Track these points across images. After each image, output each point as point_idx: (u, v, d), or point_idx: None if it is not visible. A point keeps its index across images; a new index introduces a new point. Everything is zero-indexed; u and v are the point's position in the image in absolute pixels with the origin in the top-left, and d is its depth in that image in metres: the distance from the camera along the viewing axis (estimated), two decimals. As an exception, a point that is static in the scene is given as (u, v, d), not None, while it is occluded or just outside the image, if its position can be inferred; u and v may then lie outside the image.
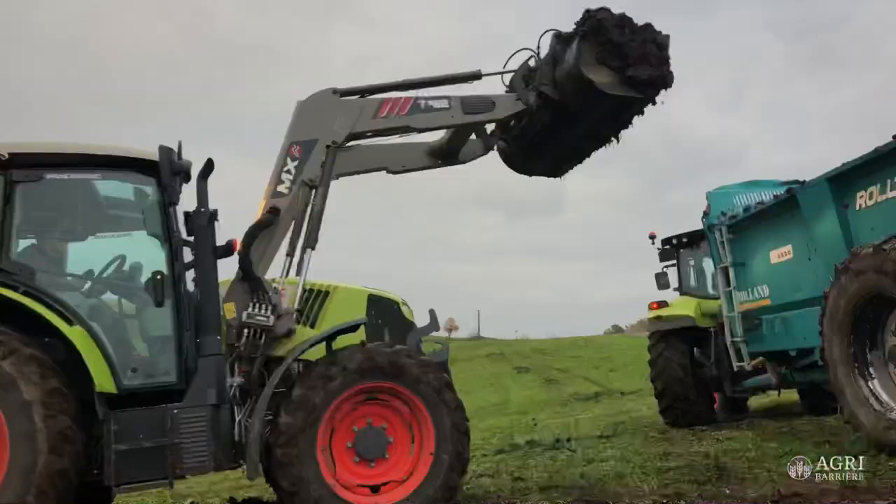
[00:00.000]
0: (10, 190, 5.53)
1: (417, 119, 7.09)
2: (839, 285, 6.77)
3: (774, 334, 9.26)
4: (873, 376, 6.71)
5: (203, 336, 5.81)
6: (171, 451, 5.38)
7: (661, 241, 13.47)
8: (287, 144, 6.69)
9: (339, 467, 5.71)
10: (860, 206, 7.32)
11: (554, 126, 7.60)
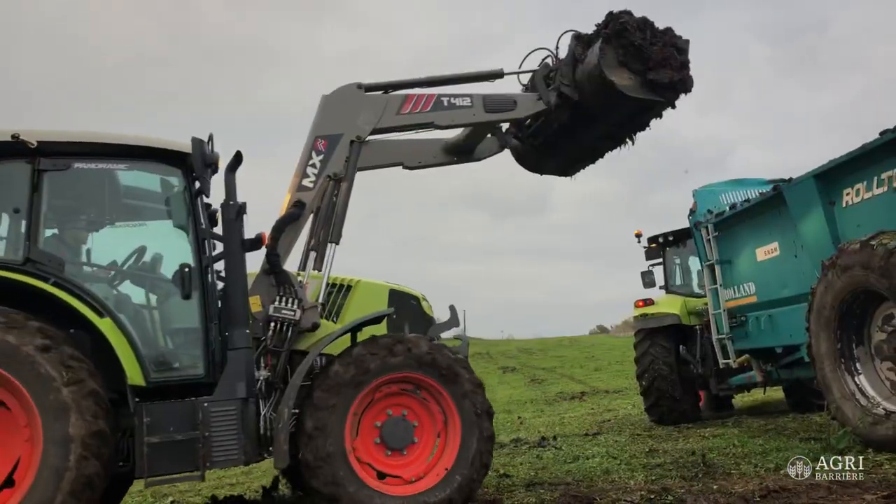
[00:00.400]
0: (38, 179, 5.46)
1: (440, 116, 7.13)
2: (826, 281, 6.77)
3: (760, 331, 9.27)
4: (859, 372, 6.72)
5: (232, 329, 5.76)
6: (203, 444, 5.35)
7: (647, 239, 13.50)
8: (312, 138, 6.72)
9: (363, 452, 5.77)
10: (846, 203, 7.33)
11: (571, 126, 7.69)
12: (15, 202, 5.48)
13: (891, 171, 6.68)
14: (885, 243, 6.04)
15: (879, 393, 6.53)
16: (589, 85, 7.22)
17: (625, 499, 5.41)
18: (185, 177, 5.95)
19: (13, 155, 5.47)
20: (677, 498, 5.23)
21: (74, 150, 5.62)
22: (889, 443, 6.02)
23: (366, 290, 6.82)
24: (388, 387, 5.85)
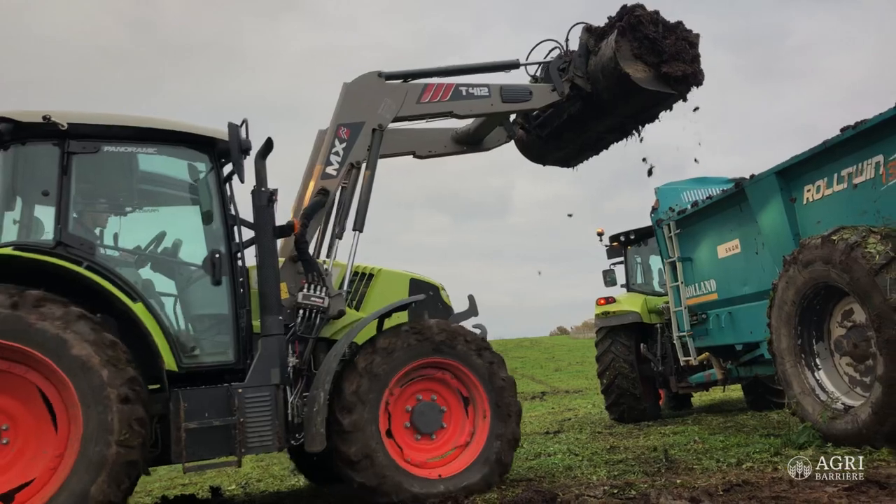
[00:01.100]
0: (67, 161, 5.40)
1: (459, 105, 7.24)
2: (787, 276, 6.78)
3: (721, 329, 9.28)
4: (819, 367, 6.74)
5: (265, 316, 5.77)
6: (239, 430, 5.36)
7: (608, 238, 13.53)
8: (335, 126, 6.76)
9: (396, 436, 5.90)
10: (807, 199, 7.36)
11: (581, 117, 7.86)
12: (44, 185, 5.41)
13: (851, 168, 6.72)
14: (846, 238, 6.05)
15: (838, 388, 6.56)
16: (603, 77, 7.36)
17: (588, 494, 5.31)
18: (213, 162, 5.96)
19: (43, 137, 5.41)
20: (641, 492, 5.15)
21: (103, 133, 5.56)
22: (848, 437, 6.04)
23: (387, 279, 6.88)
24: (417, 372, 5.98)
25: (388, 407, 5.86)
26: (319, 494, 7.34)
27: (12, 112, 5.37)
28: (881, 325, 5.64)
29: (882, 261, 5.69)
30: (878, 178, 6.42)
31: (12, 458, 4.76)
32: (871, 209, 6.48)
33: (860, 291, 5.85)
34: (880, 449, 5.71)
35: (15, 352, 4.73)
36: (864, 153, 6.53)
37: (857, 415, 5.99)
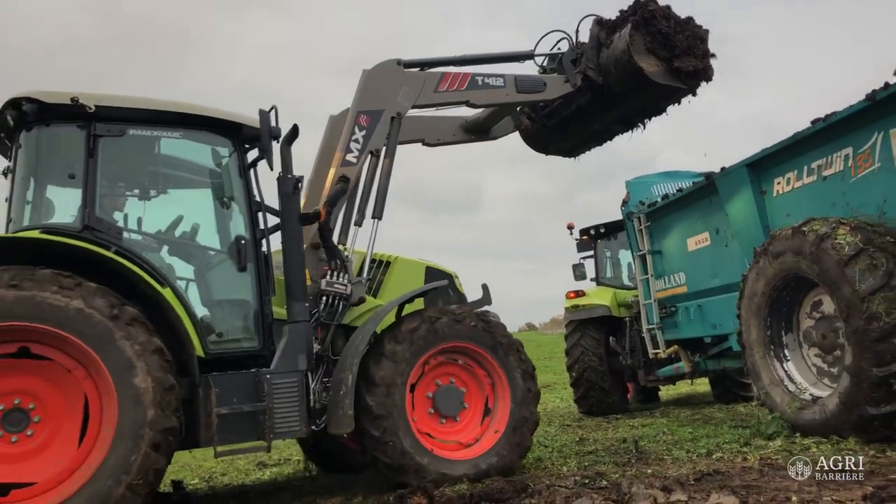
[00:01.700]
0: (94, 144, 5.35)
1: (475, 95, 7.31)
2: (758, 268, 6.79)
3: (690, 321, 9.33)
4: (788, 358, 6.77)
5: (291, 302, 5.82)
6: (268, 416, 5.39)
7: (578, 231, 13.53)
8: (354, 113, 6.75)
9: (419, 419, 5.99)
10: (777, 192, 7.39)
11: (589, 108, 7.98)
12: (69, 167, 5.36)
13: (821, 160, 6.76)
14: (816, 229, 6.08)
15: (806, 379, 6.60)
16: (615, 69, 7.47)
17: (559, 484, 5.24)
18: (238, 148, 5.95)
19: (68, 118, 5.35)
20: (612, 482, 5.11)
21: (129, 117, 5.52)
22: (816, 427, 6.06)
23: (403, 267, 6.97)
24: (439, 356, 6.08)
25: (412, 390, 5.93)
26: (285, 487, 7.20)
27: (38, 92, 5.29)
28: (850, 315, 5.67)
29: (851, 252, 5.72)
30: (847, 171, 6.47)
31: (31, 451, 4.70)
32: (841, 201, 6.52)
33: (830, 282, 5.88)
34: (847, 438, 5.74)
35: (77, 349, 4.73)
36: (834, 146, 6.58)
37: (825, 405, 6.02)
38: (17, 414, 4.69)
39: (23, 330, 4.65)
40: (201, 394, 5.31)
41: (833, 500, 4.12)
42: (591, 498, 4.54)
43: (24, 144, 5.42)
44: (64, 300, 4.67)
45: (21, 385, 4.75)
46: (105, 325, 4.75)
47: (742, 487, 4.58)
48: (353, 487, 6.26)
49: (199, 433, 5.30)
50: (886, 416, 5.52)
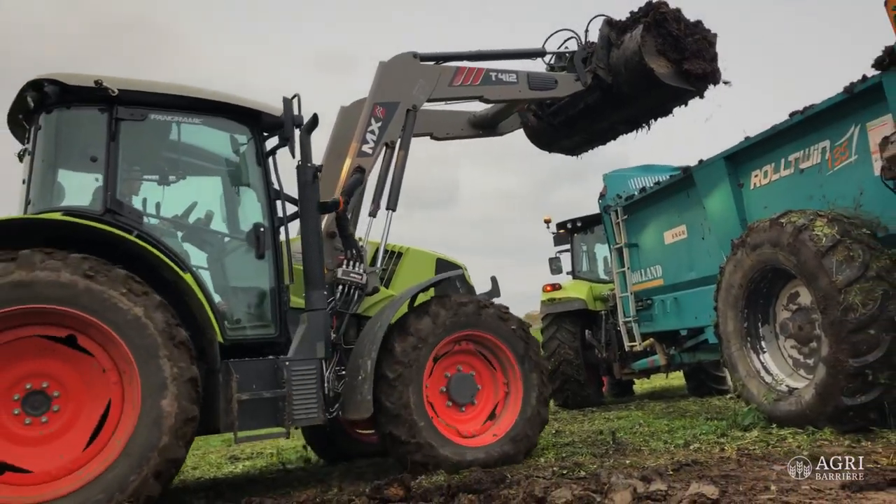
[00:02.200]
0: (116, 127, 5.34)
1: (489, 90, 7.43)
2: (735, 259, 6.80)
3: (666, 314, 9.34)
4: (764, 350, 6.79)
5: (310, 291, 5.84)
6: (287, 402, 5.43)
7: (555, 225, 13.54)
8: (371, 105, 6.81)
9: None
10: (754, 184, 7.42)
11: (597, 107, 8.12)
12: (89, 150, 5.34)
13: (798, 153, 6.79)
14: (794, 221, 6.09)
15: (783, 370, 6.62)
16: (626, 70, 7.61)
17: (537, 475, 5.20)
18: (257, 135, 5.98)
19: (90, 101, 5.33)
20: (591, 472, 5.08)
21: (151, 101, 5.52)
22: (792, 418, 6.09)
23: (415, 258, 7.11)
24: (455, 345, 6.18)
25: (429, 378, 6.00)
26: (258, 480, 7.08)
27: (60, 74, 5.26)
28: (827, 306, 5.69)
29: (829, 243, 5.74)
30: (825, 164, 6.50)
31: (67, 421, 4.70)
32: (818, 194, 6.55)
33: (807, 274, 5.89)
34: (823, 429, 5.76)
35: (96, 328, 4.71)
36: (812, 138, 6.60)
37: (801, 396, 6.05)
38: (39, 397, 4.67)
39: (81, 320, 4.67)
40: (221, 380, 5.30)
41: (812, 488, 4.12)
42: (570, 488, 4.49)
43: (43, 126, 5.36)
44: (128, 304, 4.74)
45: (53, 370, 4.74)
46: (154, 340, 4.78)
47: (721, 477, 4.58)
48: (328, 479, 6.18)
49: (218, 419, 5.29)
50: (862, 407, 5.55)
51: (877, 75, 5.71)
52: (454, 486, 4.86)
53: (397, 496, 4.85)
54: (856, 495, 3.85)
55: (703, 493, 4.04)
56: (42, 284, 4.53)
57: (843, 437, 5.51)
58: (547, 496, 4.39)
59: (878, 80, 5.69)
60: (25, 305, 4.52)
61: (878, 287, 5.50)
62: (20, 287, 4.49)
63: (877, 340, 5.43)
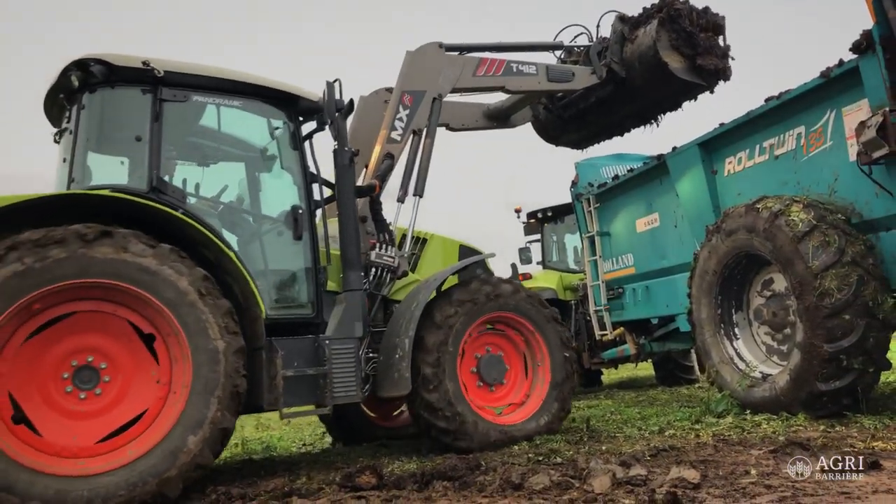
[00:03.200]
0: (160, 108, 5.43)
1: (510, 81, 7.60)
2: (710, 245, 6.76)
3: (637, 303, 9.30)
4: (738, 337, 6.78)
5: (347, 271, 6.02)
6: (328, 380, 5.55)
7: (526, 215, 13.46)
8: (399, 93, 7.00)
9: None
10: (728, 171, 7.39)
11: (608, 101, 8.30)
12: (135, 130, 5.42)
13: (773, 139, 6.77)
14: (770, 206, 6.07)
15: (756, 357, 6.61)
16: (640, 64, 7.81)
17: (513, 461, 5.09)
18: (295, 120, 6.11)
19: (134, 82, 5.44)
20: (568, 459, 4.98)
21: (193, 83, 5.62)
22: (766, 404, 6.07)
23: (439, 244, 7.29)
24: (485, 326, 6.38)
25: (460, 358, 6.13)
26: (223, 470, 6.85)
27: (107, 55, 5.33)
28: (802, 292, 5.67)
29: (805, 228, 5.72)
30: (800, 149, 6.48)
31: (117, 394, 4.78)
32: (792, 180, 6.54)
33: (783, 259, 5.87)
34: (797, 415, 5.75)
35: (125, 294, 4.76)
36: (787, 124, 6.58)
37: (775, 382, 6.03)
38: (88, 371, 4.74)
39: (131, 293, 4.75)
40: (265, 357, 5.35)
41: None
42: (547, 474, 4.38)
43: (87, 105, 5.39)
44: (174, 276, 4.81)
45: (94, 343, 4.79)
46: (204, 315, 4.89)
47: (700, 462, 4.51)
48: (296, 469, 5.99)
49: (261, 397, 5.35)
50: (836, 392, 5.56)
51: (853, 59, 5.69)
52: (428, 473, 4.72)
53: (369, 484, 4.70)
54: (837, 479, 3.80)
55: (685, 477, 3.96)
56: (125, 264, 4.69)
57: (818, 423, 5.50)
58: (524, 482, 4.29)
59: (855, 64, 5.67)
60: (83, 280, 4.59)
61: (853, 272, 5.50)
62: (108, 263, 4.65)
63: (851, 326, 5.43)
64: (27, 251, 4.44)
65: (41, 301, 4.53)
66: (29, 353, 4.58)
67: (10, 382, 4.48)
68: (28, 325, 4.58)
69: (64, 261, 4.52)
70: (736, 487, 3.77)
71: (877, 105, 5.52)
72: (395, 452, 6.55)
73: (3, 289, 4.35)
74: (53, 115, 5.97)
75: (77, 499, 4.31)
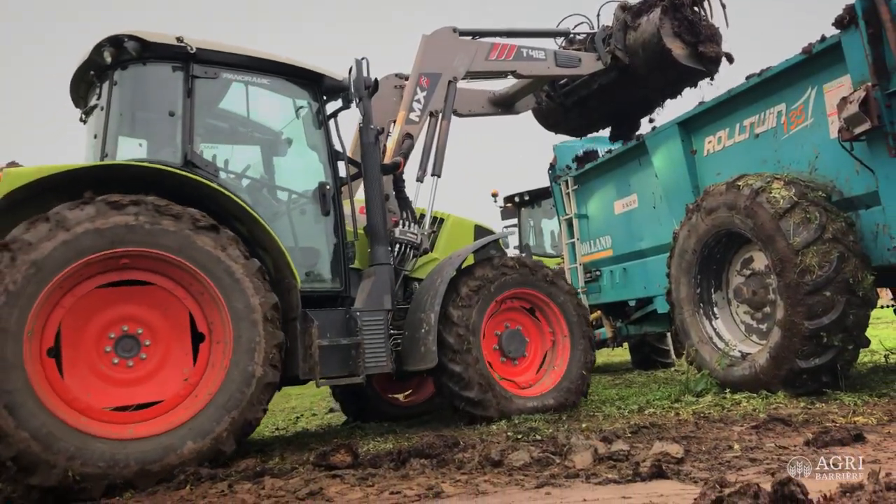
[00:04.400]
0: (192, 84, 5.52)
1: (521, 65, 7.79)
2: (689, 224, 6.70)
3: (614, 285, 9.24)
4: (717, 316, 6.73)
5: (375, 246, 6.26)
6: (361, 351, 5.68)
7: (503, 199, 13.36)
8: (416, 75, 7.18)
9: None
10: (708, 151, 7.33)
11: (610, 88, 8.45)
12: (167, 106, 5.50)
13: (753, 117, 6.71)
14: (751, 184, 6.01)
15: (735, 336, 6.57)
16: (643, 51, 7.95)
17: (491, 440, 4.99)
18: (320, 99, 6.24)
19: (168, 58, 5.53)
20: (548, 436, 4.88)
21: (223, 61, 5.72)
22: (745, 383, 6.03)
23: (455, 225, 7.43)
24: (506, 302, 6.51)
25: (485, 332, 6.27)
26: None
27: (140, 31, 5.40)
28: (783, 269, 5.62)
29: (786, 205, 5.67)
30: (780, 127, 6.43)
31: (142, 376, 4.82)
32: (772, 158, 6.49)
33: (764, 236, 5.81)
34: (777, 393, 5.72)
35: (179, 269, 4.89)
36: (768, 102, 6.53)
37: (754, 360, 5.99)
38: (127, 340, 4.82)
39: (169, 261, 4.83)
40: (299, 327, 5.47)
41: (776, 445, 4.01)
42: (527, 450, 4.28)
43: (119, 82, 5.46)
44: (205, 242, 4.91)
45: (151, 320, 4.91)
46: (241, 278, 5.00)
47: (682, 438, 4.44)
48: (268, 450, 5.84)
49: (296, 367, 5.45)
50: (816, 370, 5.53)
51: (836, 35, 5.63)
52: (405, 451, 4.60)
53: (344, 462, 4.56)
54: (821, 451, 3.75)
55: (668, 451, 3.88)
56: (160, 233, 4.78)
57: (798, 400, 5.47)
58: (504, 459, 4.18)
59: (837, 39, 5.61)
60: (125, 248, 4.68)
61: (833, 249, 5.46)
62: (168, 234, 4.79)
63: (832, 303, 5.39)
64: (143, 210, 4.71)
65: (131, 259, 4.75)
66: (95, 300, 4.74)
67: (67, 318, 4.62)
68: (108, 275, 4.77)
69: (171, 234, 4.77)
70: (721, 461, 3.70)
71: (859, 81, 5.48)
72: (371, 433, 6.43)
73: (109, 232, 4.58)
74: (80, 93, 5.99)
75: (64, 449, 4.31)
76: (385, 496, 3.64)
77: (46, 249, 4.43)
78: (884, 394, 5.44)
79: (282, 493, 3.88)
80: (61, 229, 4.48)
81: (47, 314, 4.54)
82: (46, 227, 4.47)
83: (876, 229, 5.59)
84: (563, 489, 3.42)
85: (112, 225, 4.61)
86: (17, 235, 4.42)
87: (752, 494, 1.68)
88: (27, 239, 4.41)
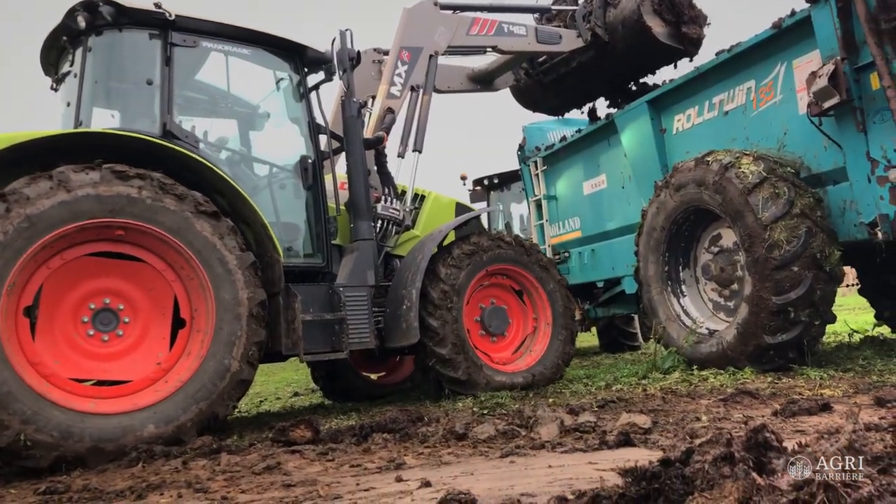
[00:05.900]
0: (170, 52, 5.34)
1: (502, 41, 7.74)
2: (658, 201, 6.64)
3: (583, 266, 9.19)
4: (685, 294, 6.69)
5: (358, 221, 6.15)
6: (345, 326, 5.60)
7: (472, 182, 13.24)
8: (397, 49, 7.07)
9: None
10: (677, 129, 7.29)
11: (589, 65, 8.38)
12: (144, 74, 5.32)
13: (723, 95, 6.68)
14: (720, 159, 5.96)
15: (702, 313, 6.54)
16: (623, 28, 7.88)
17: (456, 415, 4.88)
18: (300, 71, 6.10)
19: (143, 25, 5.35)
20: (513, 410, 4.78)
21: (202, 29, 5.54)
22: (713, 359, 6.00)
23: (437, 202, 7.36)
24: (487, 279, 6.48)
25: (466, 308, 6.22)
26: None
27: None
28: (751, 244, 5.59)
29: (755, 180, 5.63)
30: (749, 104, 6.40)
31: (115, 353, 4.69)
32: (741, 136, 6.46)
33: (732, 211, 5.77)
34: (744, 369, 5.69)
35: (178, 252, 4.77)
36: (737, 79, 6.50)
37: (722, 337, 5.96)
38: (107, 314, 4.69)
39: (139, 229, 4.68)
40: (282, 302, 5.36)
41: (744, 416, 3.96)
42: (493, 423, 4.19)
43: (93, 48, 5.26)
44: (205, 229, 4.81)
45: (135, 297, 4.78)
46: (223, 257, 4.88)
47: (650, 411, 4.37)
48: (227, 428, 5.66)
49: (279, 342, 5.36)
50: (782, 345, 5.51)
51: (805, 9, 5.60)
52: (367, 426, 4.48)
53: (304, 438, 4.42)
54: (790, 420, 3.69)
55: (635, 422, 3.81)
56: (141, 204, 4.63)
57: (764, 376, 5.44)
58: (469, 432, 4.07)
59: (807, 13, 5.58)
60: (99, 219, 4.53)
61: (801, 224, 5.43)
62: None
63: (799, 278, 5.37)
64: (148, 184, 4.62)
65: (127, 232, 4.62)
66: (82, 267, 4.62)
67: (50, 279, 4.49)
68: (101, 244, 4.65)
69: (171, 213, 4.67)
70: (689, 431, 3.62)
71: (828, 55, 5.45)
72: (335, 412, 6.29)
73: (110, 200, 4.49)
74: (51, 60, 5.77)
75: (20, 411, 4.17)
76: (345, 469, 3.51)
77: (43, 206, 4.32)
78: (849, 368, 5.43)
79: (238, 469, 3.73)
80: (62, 189, 4.38)
81: (31, 272, 4.42)
82: (48, 184, 4.36)
83: (843, 205, 5.58)
84: (527, 458, 3.33)
85: (114, 194, 4.51)
86: (17, 188, 4.31)
87: (724, 443, 1.58)
88: (26, 193, 4.30)
